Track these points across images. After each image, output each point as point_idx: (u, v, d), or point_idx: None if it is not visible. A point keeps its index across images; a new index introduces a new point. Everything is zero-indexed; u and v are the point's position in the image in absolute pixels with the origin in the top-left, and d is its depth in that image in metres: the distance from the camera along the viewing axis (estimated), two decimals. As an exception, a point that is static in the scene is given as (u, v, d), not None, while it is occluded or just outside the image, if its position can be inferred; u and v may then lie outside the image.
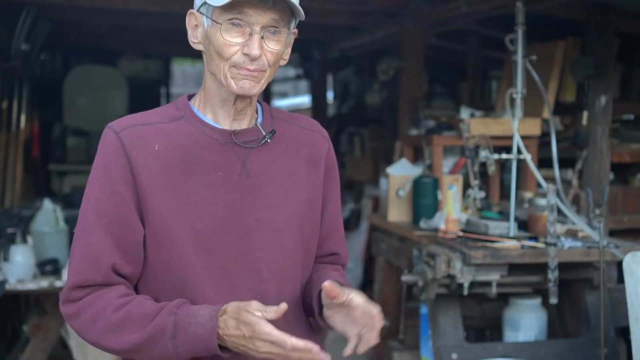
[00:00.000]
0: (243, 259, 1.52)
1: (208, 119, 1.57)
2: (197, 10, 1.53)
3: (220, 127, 1.56)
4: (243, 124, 1.58)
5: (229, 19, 1.46)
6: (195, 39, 1.56)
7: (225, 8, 1.45)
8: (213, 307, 1.44)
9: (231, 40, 1.47)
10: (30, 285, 3.52)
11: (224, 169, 1.53)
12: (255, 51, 1.46)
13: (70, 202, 4.88)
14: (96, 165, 1.52)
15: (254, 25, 1.46)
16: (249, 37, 1.47)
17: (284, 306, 1.41)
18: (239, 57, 1.48)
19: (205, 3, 1.50)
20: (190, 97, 1.63)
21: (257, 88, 1.51)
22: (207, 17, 1.50)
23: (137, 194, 1.49)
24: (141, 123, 1.54)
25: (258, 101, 1.64)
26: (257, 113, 1.63)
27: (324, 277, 1.62)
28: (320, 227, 1.67)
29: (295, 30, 1.56)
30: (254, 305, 1.41)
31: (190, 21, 1.56)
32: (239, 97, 1.53)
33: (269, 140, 1.58)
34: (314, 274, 1.68)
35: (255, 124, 1.59)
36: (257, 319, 1.39)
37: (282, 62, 1.57)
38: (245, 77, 1.49)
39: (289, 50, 1.58)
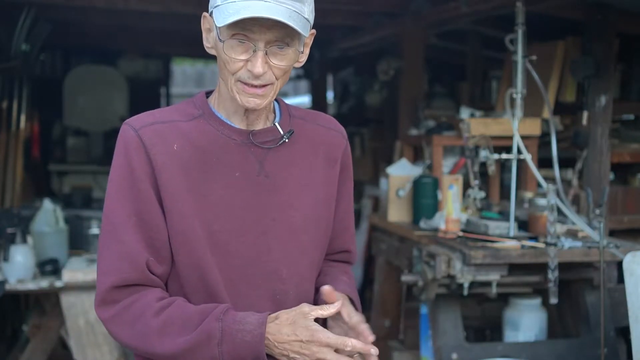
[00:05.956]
0: (260, 260, 1.51)
1: (225, 118, 1.54)
2: (210, 14, 1.48)
3: (238, 127, 1.53)
4: (259, 125, 1.55)
5: (233, 35, 1.42)
6: (208, 43, 1.52)
7: (228, 25, 1.41)
8: (261, 315, 1.43)
9: (235, 57, 1.43)
10: (30, 285, 3.52)
11: (241, 169, 1.51)
12: (257, 69, 1.42)
13: (70, 202, 4.89)
14: (118, 164, 1.49)
15: (258, 42, 1.41)
16: (252, 53, 1.43)
17: (338, 304, 1.46)
18: (244, 73, 1.44)
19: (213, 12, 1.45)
20: (208, 93, 1.60)
21: (265, 102, 1.48)
22: (215, 26, 1.46)
23: (159, 193, 1.47)
24: (160, 121, 1.51)
25: (276, 99, 1.60)
26: (274, 112, 1.60)
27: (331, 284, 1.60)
28: (332, 224, 1.65)
29: (313, 30, 1.50)
30: (306, 308, 1.42)
31: (203, 24, 1.52)
32: None
33: (286, 140, 1.55)
34: (322, 276, 1.66)
35: (274, 124, 1.56)
36: (315, 324, 1.40)
37: (298, 65, 1.52)
38: (251, 95, 1.45)
39: (307, 50, 1.52)
